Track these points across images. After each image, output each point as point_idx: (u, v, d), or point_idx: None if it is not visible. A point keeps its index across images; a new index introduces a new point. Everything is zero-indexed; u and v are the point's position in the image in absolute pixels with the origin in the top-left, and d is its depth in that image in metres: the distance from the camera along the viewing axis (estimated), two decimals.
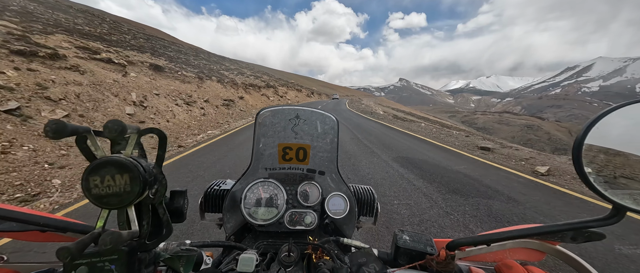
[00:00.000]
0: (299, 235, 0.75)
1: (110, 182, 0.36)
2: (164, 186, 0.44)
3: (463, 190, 3.86)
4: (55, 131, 0.32)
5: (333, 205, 0.78)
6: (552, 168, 5.13)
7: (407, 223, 2.86)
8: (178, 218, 0.50)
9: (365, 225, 0.88)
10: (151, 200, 0.42)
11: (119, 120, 0.37)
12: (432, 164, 5.36)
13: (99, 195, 0.36)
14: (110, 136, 0.37)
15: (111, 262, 0.39)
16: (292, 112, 0.83)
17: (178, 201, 0.50)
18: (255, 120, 0.83)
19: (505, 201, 3.52)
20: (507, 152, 6.82)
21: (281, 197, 0.77)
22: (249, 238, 0.77)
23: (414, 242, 0.60)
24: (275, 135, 0.81)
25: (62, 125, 0.32)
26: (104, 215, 0.39)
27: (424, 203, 3.37)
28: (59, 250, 0.29)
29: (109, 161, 0.36)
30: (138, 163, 0.39)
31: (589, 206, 3.48)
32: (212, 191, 0.85)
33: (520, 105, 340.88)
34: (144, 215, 0.42)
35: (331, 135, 0.83)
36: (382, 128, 11.41)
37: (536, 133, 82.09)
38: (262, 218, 0.74)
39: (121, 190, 0.37)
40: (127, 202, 0.37)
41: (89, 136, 0.38)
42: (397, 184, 4.09)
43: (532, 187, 4.21)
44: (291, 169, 0.82)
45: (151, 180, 0.40)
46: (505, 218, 3.04)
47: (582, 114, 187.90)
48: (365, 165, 5.17)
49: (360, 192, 0.89)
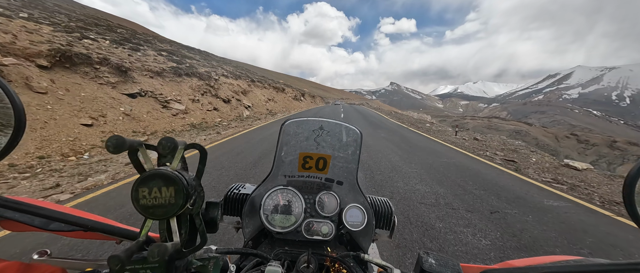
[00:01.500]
0: (315, 245, 0.76)
1: (157, 194, 0.38)
2: (202, 198, 0.46)
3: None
4: (115, 146, 0.34)
5: (351, 216, 0.77)
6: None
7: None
8: (212, 228, 0.52)
9: (381, 238, 0.87)
10: (190, 211, 0.44)
11: (172, 138, 0.40)
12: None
13: (146, 206, 0.38)
14: (164, 152, 0.40)
15: (152, 269, 0.41)
16: (316, 123, 0.84)
17: (213, 212, 0.52)
18: (279, 130, 0.84)
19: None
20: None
21: (299, 205, 0.77)
22: (266, 244, 0.78)
23: (441, 266, 0.56)
24: (298, 145, 0.83)
25: (121, 140, 0.34)
26: (148, 224, 0.41)
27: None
28: (111, 259, 0.31)
29: (157, 174, 0.38)
30: (182, 176, 0.40)
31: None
32: (232, 195, 0.85)
33: (506, 111, 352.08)
34: (183, 225, 0.44)
35: (353, 147, 0.84)
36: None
37: (524, 138, 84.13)
38: (280, 225, 0.75)
39: (166, 202, 0.38)
40: (171, 214, 0.39)
41: (140, 149, 0.39)
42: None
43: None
44: (309, 177, 0.83)
45: (192, 193, 0.42)
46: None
47: (564, 120, 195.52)
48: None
49: (377, 204, 0.87)
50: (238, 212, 0.83)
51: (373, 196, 0.92)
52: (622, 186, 0.36)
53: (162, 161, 0.43)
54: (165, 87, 12.41)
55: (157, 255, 0.34)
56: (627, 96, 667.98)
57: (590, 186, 4.96)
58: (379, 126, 14.78)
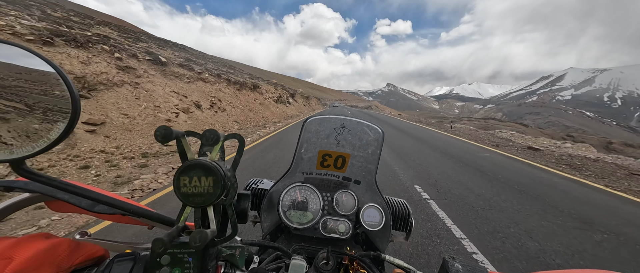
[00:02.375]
0: (332, 243, 0.76)
1: (197, 183, 0.40)
2: (235, 189, 0.47)
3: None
4: (163, 136, 0.36)
5: (368, 216, 0.77)
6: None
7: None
8: (242, 219, 0.53)
9: (397, 239, 0.85)
10: (224, 201, 0.45)
11: (215, 130, 0.42)
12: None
13: (186, 194, 0.40)
14: (208, 143, 0.42)
15: (189, 254, 0.43)
16: (338, 121, 0.84)
17: (244, 203, 0.53)
18: (301, 127, 0.85)
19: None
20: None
21: (317, 202, 0.78)
22: (283, 238, 0.78)
23: (468, 272, 0.54)
24: (318, 142, 0.83)
25: (169, 131, 0.37)
26: (187, 211, 0.42)
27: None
28: (155, 241, 0.33)
29: (197, 164, 0.40)
30: (220, 167, 0.41)
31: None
32: (251, 189, 0.85)
33: (501, 112, 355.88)
34: (216, 214, 0.45)
35: (374, 146, 0.83)
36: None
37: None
38: (298, 221, 0.75)
39: (205, 191, 0.40)
40: (208, 202, 0.40)
41: (183, 139, 0.41)
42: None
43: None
44: (327, 175, 0.83)
45: (228, 184, 0.43)
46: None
47: (559, 121, 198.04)
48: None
49: (395, 205, 0.87)
50: (256, 207, 0.84)
51: (390, 197, 0.91)
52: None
53: (202, 150, 0.45)
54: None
55: (198, 241, 0.35)
56: (618, 97, 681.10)
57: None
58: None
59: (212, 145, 0.43)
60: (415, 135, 11.85)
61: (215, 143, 0.42)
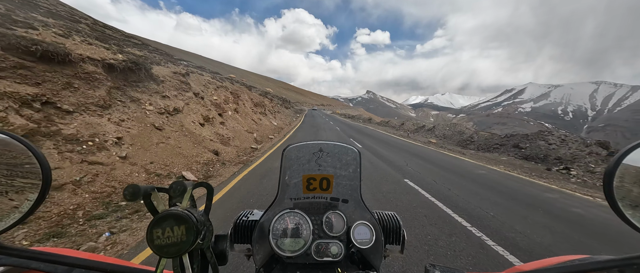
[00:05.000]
0: (326, 267, 0.75)
1: (170, 233, 0.40)
2: (211, 232, 0.48)
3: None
4: (131, 194, 0.37)
5: (359, 234, 0.77)
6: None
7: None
8: (222, 261, 0.53)
9: (392, 254, 0.85)
10: (200, 246, 0.45)
11: (182, 181, 0.43)
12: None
13: (160, 246, 0.40)
14: (174, 194, 0.43)
15: None
16: (316, 146, 0.85)
17: (221, 244, 0.54)
18: (281, 156, 0.85)
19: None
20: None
21: (307, 227, 0.77)
22: (278, 269, 0.77)
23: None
24: (300, 168, 0.84)
25: (136, 188, 0.38)
26: (163, 263, 0.42)
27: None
28: None
29: (169, 214, 0.41)
30: (192, 214, 0.43)
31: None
32: (241, 222, 0.85)
33: (472, 121, 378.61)
34: (195, 259, 0.46)
35: (353, 165, 0.85)
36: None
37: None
38: (290, 249, 0.74)
39: (178, 240, 0.40)
40: (183, 251, 0.41)
41: (153, 193, 0.42)
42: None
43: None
44: (315, 198, 0.83)
45: (202, 228, 0.44)
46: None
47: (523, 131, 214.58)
48: None
49: (384, 218, 0.87)
50: (248, 239, 0.82)
51: (379, 211, 0.91)
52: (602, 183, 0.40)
53: (172, 202, 0.46)
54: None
55: None
56: (570, 111, 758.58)
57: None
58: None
59: (181, 196, 0.44)
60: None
61: (182, 193, 0.43)
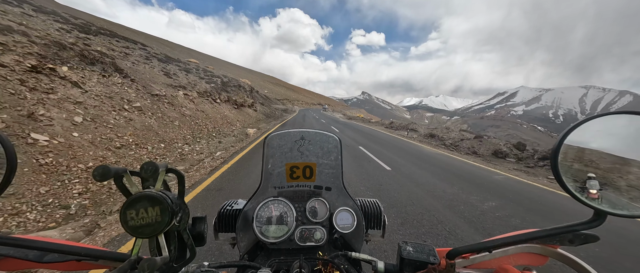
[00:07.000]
0: (309, 251, 0.77)
1: (144, 214, 0.40)
2: (187, 214, 0.49)
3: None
4: (101, 175, 0.37)
5: (341, 220, 0.80)
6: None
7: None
8: (200, 242, 0.54)
9: (374, 238, 0.88)
10: (177, 227, 0.46)
11: (153, 161, 0.43)
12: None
13: (135, 226, 0.40)
14: (146, 175, 0.43)
15: None
16: (297, 134, 0.86)
17: (199, 226, 0.54)
18: (263, 144, 0.86)
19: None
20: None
21: (291, 214, 0.78)
22: (262, 256, 0.78)
23: (417, 252, 0.61)
24: (283, 156, 0.84)
25: (107, 169, 0.37)
26: (139, 243, 0.43)
27: None
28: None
29: (142, 196, 0.41)
30: (166, 196, 0.43)
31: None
32: (225, 211, 0.85)
33: (466, 124, 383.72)
34: (171, 241, 0.46)
35: (335, 153, 0.86)
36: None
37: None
38: (274, 236, 0.75)
39: (153, 220, 0.41)
40: (158, 231, 0.41)
41: (125, 175, 0.42)
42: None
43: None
44: (299, 186, 0.84)
45: (177, 210, 0.44)
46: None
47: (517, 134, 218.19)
48: None
49: (366, 205, 0.90)
50: (232, 228, 0.83)
51: (362, 198, 0.93)
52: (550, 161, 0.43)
53: (145, 185, 0.45)
54: None
55: (147, 269, 0.35)
56: (561, 114, 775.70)
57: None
58: None
59: (152, 177, 0.44)
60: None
61: (154, 174, 0.43)
